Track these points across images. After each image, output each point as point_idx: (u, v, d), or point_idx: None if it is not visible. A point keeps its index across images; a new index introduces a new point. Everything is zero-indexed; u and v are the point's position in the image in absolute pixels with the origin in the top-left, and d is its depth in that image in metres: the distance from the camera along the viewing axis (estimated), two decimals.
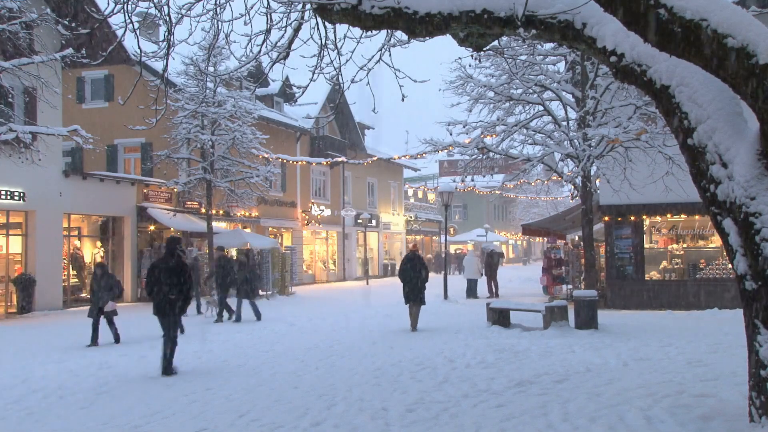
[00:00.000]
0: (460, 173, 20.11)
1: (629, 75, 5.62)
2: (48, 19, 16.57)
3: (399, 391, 8.10)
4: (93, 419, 7.32)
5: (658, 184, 15.07)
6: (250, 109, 24.52)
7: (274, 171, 27.04)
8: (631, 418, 6.39)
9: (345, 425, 6.66)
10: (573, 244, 23.99)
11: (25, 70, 16.20)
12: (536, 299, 20.15)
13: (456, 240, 56.65)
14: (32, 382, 9.43)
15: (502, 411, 6.95)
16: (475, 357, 10.42)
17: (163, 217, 24.58)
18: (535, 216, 51.14)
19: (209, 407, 7.66)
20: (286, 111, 34.78)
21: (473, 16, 5.59)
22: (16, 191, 19.78)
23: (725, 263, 17.57)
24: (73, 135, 17.78)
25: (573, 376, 8.69)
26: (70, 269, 22.76)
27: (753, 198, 5.13)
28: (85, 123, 20.80)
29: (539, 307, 14.20)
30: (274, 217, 32.49)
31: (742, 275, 5.29)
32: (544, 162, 17.90)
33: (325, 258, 38.60)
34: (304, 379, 9.12)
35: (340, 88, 8.66)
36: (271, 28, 7.18)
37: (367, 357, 10.83)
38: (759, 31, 4.79)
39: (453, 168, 49.46)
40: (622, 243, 18.63)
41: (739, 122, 5.37)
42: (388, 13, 5.72)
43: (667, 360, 9.80)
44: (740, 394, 6.75)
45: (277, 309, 20.21)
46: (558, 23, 5.57)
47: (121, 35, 6.84)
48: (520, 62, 16.85)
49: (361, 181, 42.06)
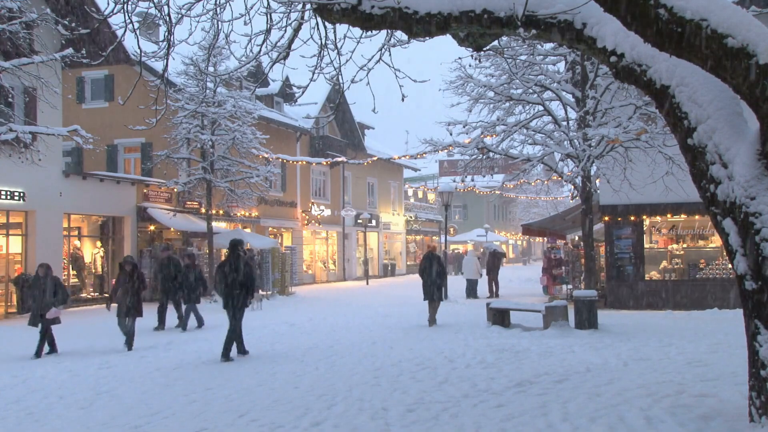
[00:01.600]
0: (460, 173, 20.10)
1: (629, 75, 5.62)
2: (48, 19, 16.56)
3: (399, 391, 8.10)
4: (93, 419, 7.32)
5: (658, 184, 15.07)
6: (250, 109, 24.52)
7: (274, 171, 27.04)
8: (631, 418, 6.39)
9: (345, 425, 6.66)
10: (573, 244, 24.00)
11: (25, 70, 16.18)
12: (536, 299, 20.15)
13: (456, 240, 56.64)
14: (32, 382, 9.44)
15: (502, 411, 6.95)
16: (475, 357, 10.42)
17: (163, 217, 24.58)
18: (535, 216, 51.17)
19: (209, 407, 7.66)
20: (286, 111, 34.77)
21: (473, 16, 5.59)
22: (16, 191, 19.78)
23: (725, 263, 17.57)
24: (73, 135, 17.76)
25: (573, 376, 8.69)
26: (70, 269, 22.76)
27: (753, 198, 5.13)
28: (85, 123, 20.78)
29: (539, 307, 14.20)
30: (274, 217, 32.49)
31: (742, 275, 5.29)
32: (544, 162, 17.90)
33: (325, 258, 38.59)
34: (304, 379, 9.11)
35: (340, 88, 8.66)
36: (271, 28, 7.18)
37: (367, 357, 10.83)
38: (759, 31, 4.79)
39: (453, 168, 49.47)
40: (622, 243, 18.63)
41: (739, 122, 5.38)
42: (388, 13, 5.72)
43: (667, 360, 9.80)
44: (740, 394, 6.75)
45: (277, 309, 20.22)
46: (558, 23, 5.57)
47: (121, 35, 6.84)
48: (520, 62, 16.85)
49: (361, 181, 42.06)
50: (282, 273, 26.46)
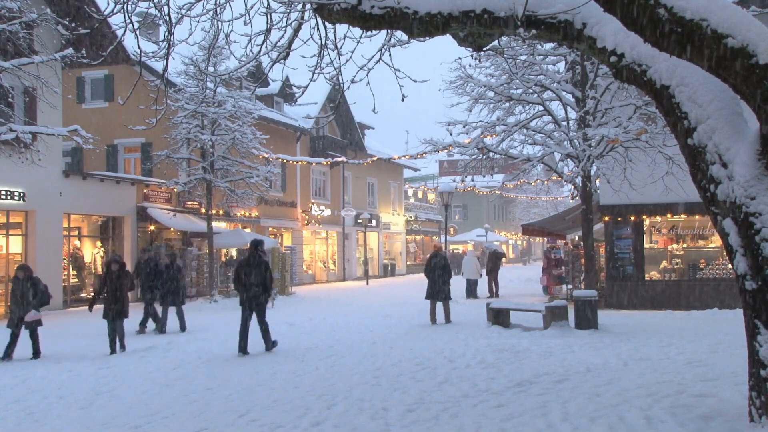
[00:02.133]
0: (460, 173, 20.09)
1: (629, 75, 5.62)
2: (48, 19, 16.56)
3: (399, 391, 8.09)
4: (93, 419, 7.32)
5: (658, 184, 15.08)
6: (250, 109, 24.51)
7: (274, 171, 27.02)
8: (631, 418, 6.39)
9: (345, 425, 6.66)
10: (573, 244, 23.99)
11: (25, 70, 16.18)
12: (536, 299, 20.15)
13: (456, 240, 56.65)
14: (32, 382, 9.44)
15: (502, 411, 6.95)
16: (475, 357, 10.42)
17: (163, 217, 24.58)
18: (535, 216, 51.17)
19: (209, 407, 7.66)
20: (286, 111, 34.77)
21: (473, 16, 5.59)
22: (16, 191, 19.78)
23: (725, 263, 17.57)
24: (73, 135, 17.75)
25: (573, 376, 8.69)
26: (70, 269, 22.77)
27: (753, 198, 5.13)
28: (85, 123, 20.77)
29: (539, 307, 14.20)
30: (274, 217, 32.49)
31: (742, 275, 5.29)
32: (544, 162, 17.89)
33: (325, 258, 38.60)
34: (304, 379, 9.11)
35: (340, 88, 8.66)
36: (271, 28, 7.18)
37: (367, 357, 10.83)
38: (759, 31, 4.79)
39: (453, 168, 49.49)
40: (622, 243, 18.63)
41: (739, 122, 5.37)
42: (388, 13, 5.72)
43: (667, 360, 9.80)
44: (740, 394, 6.75)
45: (277, 309, 20.20)
46: (558, 23, 5.57)
47: (121, 35, 6.84)
48: (520, 62, 16.85)
49: (361, 181, 42.05)
50: (282, 273, 26.46)
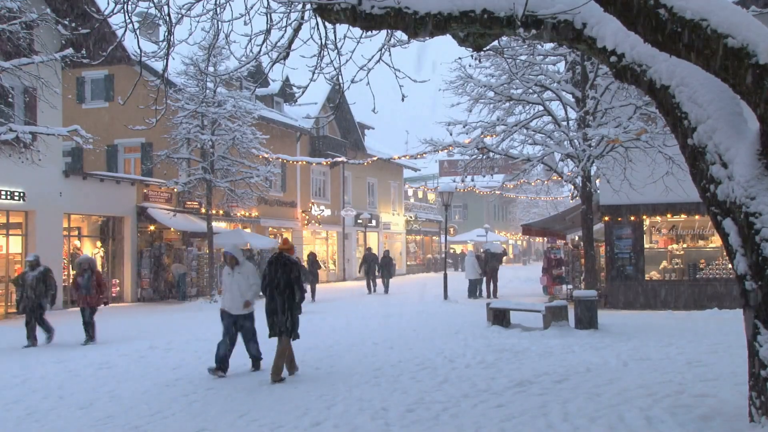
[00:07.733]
0: (460, 173, 20.09)
1: (629, 75, 5.62)
2: (48, 19, 16.55)
3: (399, 391, 8.09)
4: (93, 419, 7.32)
5: (658, 184, 15.07)
6: (250, 109, 24.52)
7: (274, 171, 27.03)
8: (631, 418, 6.39)
9: (345, 425, 6.66)
10: (573, 244, 23.98)
11: (25, 70, 16.17)
12: (536, 299, 20.15)
13: (456, 240, 56.64)
14: (32, 382, 9.44)
15: (502, 411, 6.95)
16: (475, 357, 10.41)
17: (163, 217, 24.58)
18: (535, 216, 51.11)
19: (209, 407, 7.66)
20: (286, 111, 34.76)
21: (473, 16, 5.59)
22: (16, 191, 19.77)
23: (725, 263, 17.56)
24: (73, 135, 17.75)
25: (573, 376, 8.69)
26: (70, 269, 22.74)
27: (753, 198, 5.13)
28: (85, 123, 20.77)
29: (539, 307, 14.20)
30: (274, 217, 32.48)
31: (742, 275, 5.29)
32: (544, 162, 17.89)
33: (324, 258, 38.58)
34: (304, 379, 9.12)
35: (340, 88, 8.66)
36: (271, 28, 7.18)
37: (367, 357, 10.83)
38: (759, 31, 4.79)
39: (453, 168, 49.44)
40: (622, 243, 18.62)
41: (739, 122, 5.37)
42: (388, 13, 5.71)
43: (667, 360, 9.80)
44: (740, 394, 6.74)
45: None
46: (558, 23, 5.57)
47: (121, 35, 6.84)
48: (520, 62, 16.83)
49: (361, 181, 42.05)
50: None
